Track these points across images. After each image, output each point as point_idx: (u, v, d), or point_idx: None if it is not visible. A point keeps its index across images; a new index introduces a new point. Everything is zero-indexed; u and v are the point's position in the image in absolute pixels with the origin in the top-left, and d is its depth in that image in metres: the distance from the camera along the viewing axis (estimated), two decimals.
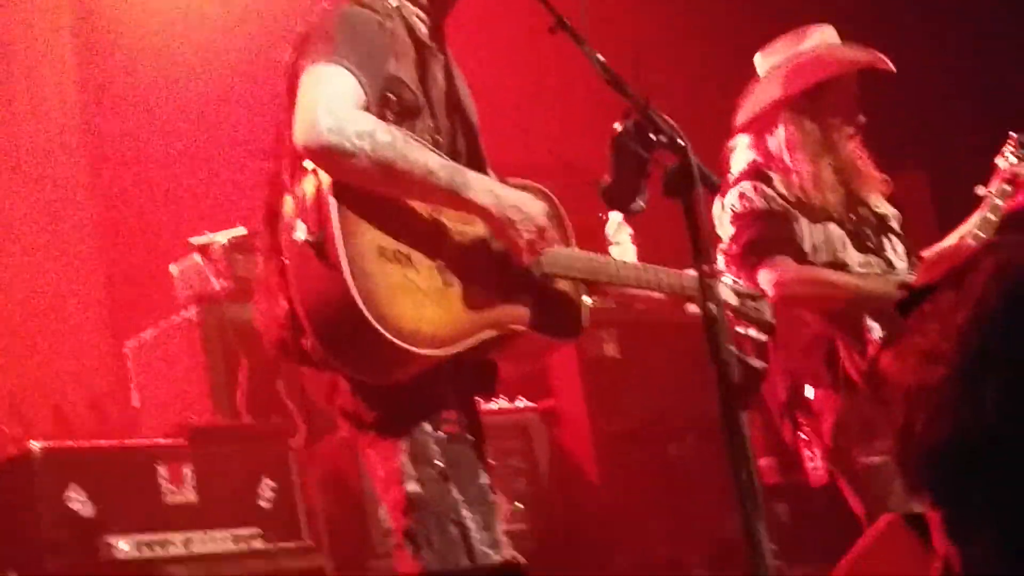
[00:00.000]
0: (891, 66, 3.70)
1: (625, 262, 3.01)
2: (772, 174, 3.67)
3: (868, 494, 3.55)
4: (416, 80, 2.52)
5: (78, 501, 3.62)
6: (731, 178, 3.73)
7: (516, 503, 4.69)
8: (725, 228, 3.69)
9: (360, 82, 2.35)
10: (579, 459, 4.95)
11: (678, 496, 4.78)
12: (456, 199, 2.44)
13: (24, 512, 3.66)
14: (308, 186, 2.40)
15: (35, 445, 3.74)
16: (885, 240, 3.75)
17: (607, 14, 4.16)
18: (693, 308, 2.94)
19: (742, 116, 3.77)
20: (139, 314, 4.76)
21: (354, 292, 2.29)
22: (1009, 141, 3.86)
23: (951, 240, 3.80)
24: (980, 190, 3.79)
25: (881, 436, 3.55)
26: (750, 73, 3.93)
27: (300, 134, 2.33)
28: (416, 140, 2.46)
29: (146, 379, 4.52)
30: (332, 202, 2.32)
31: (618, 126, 2.40)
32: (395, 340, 2.31)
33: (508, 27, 4.17)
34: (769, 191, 3.65)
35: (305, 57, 2.40)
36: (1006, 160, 3.80)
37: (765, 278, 3.57)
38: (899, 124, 5.16)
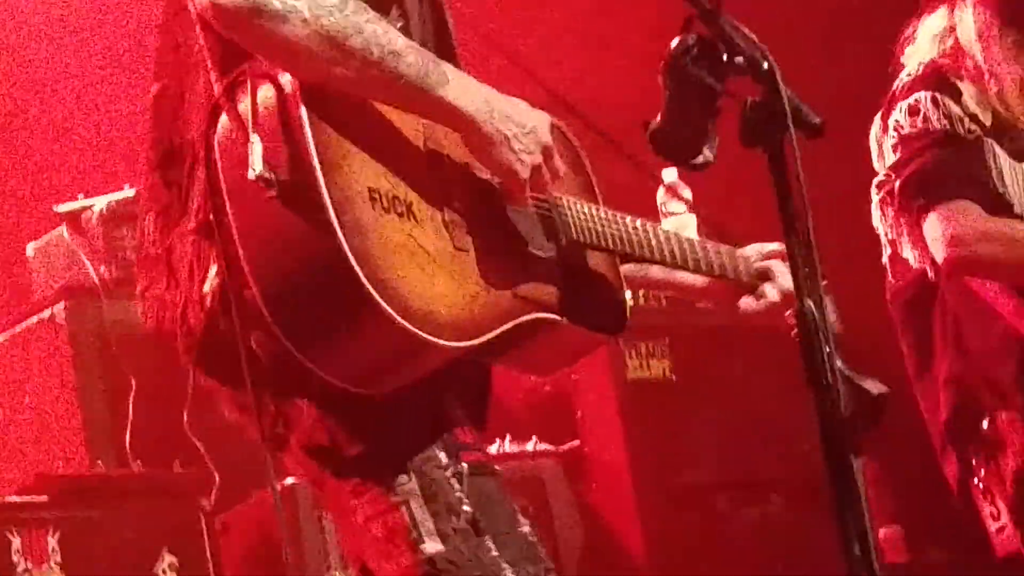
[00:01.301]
0: None
1: (673, 234, 2.85)
2: (962, 84, 3.59)
3: None
4: None
5: None
6: (900, 85, 3.63)
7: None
8: (887, 156, 3.63)
9: None
10: (616, 526, 4.90)
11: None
12: (428, 100, 2.38)
13: None
14: (265, 96, 2.31)
15: None
16: None
17: None
18: (749, 304, 2.89)
19: None
20: None
21: (351, 255, 2.21)
22: None
23: None
24: None
25: None
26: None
27: None
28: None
29: None
30: (305, 117, 2.24)
31: (676, 42, 2.24)
32: (408, 326, 2.23)
33: None
34: (956, 108, 3.58)
35: None
36: None
37: (935, 230, 3.50)
38: None
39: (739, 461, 5.00)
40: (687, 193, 4.94)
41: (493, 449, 4.63)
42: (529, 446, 4.92)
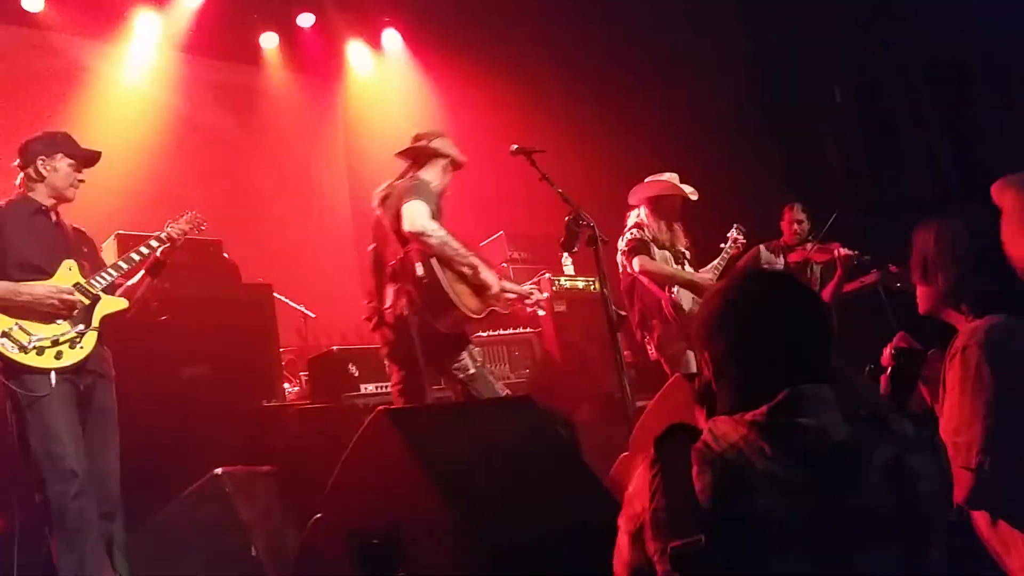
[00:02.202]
0: (695, 198, 5.12)
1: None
2: (645, 227, 5.11)
3: (676, 367, 4.97)
4: None
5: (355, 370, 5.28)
6: (627, 226, 5.11)
7: (526, 370, 6.17)
8: (623, 245, 5.06)
9: (430, 208, 3.64)
10: (552, 353, 6.30)
11: (591, 364, 6.03)
12: (474, 271, 3.69)
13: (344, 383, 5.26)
14: (422, 258, 3.57)
15: (335, 348, 5.49)
16: (685, 261, 5.30)
17: (556, 162, 4.31)
18: (529, 302, 4.13)
19: (632, 200, 5.20)
20: None
21: (452, 295, 3.60)
22: (736, 225, 5.54)
23: (708, 268, 5.35)
24: (722, 245, 5.43)
25: (678, 342, 5.07)
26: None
27: (410, 227, 3.60)
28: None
29: None
30: (434, 261, 3.59)
31: (567, 218, 3.54)
32: (468, 313, 3.64)
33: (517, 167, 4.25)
34: (639, 232, 5.09)
35: (405, 198, 3.71)
36: (734, 232, 5.53)
37: (636, 263, 4.91)
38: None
39: (585, 333, 6.11)
40: (571, 260, 6.39)
41: (520, 330, 6.06)
42: (527, 330, 6.28)
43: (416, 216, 3.77)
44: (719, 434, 1.62)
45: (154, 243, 4.06)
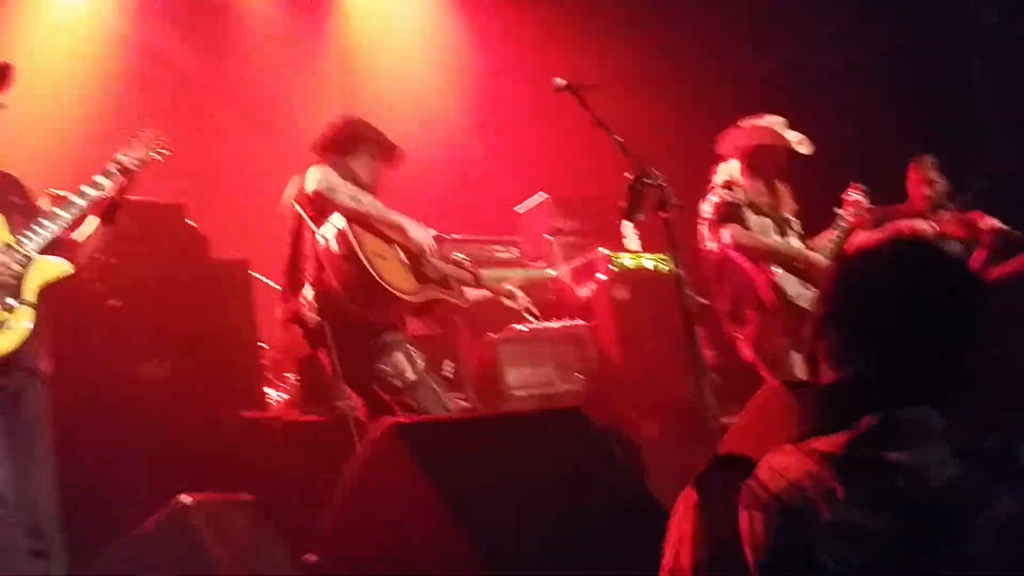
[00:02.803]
0: (808, 151, 5.17)
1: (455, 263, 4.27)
2: (735, 188, 5.18)
3: (776, 370, 4.96)
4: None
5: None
6: (712, 187, 5.20)
7: (577, 374, 6.23)
8: (708, 211, 5.12)
9: (337, 173, 4.05)
10: (610, 352, 6.40)
11: (662, 367, 6.09)
12: (392, 224, 4.01)
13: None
14: (337, 223, 3.88)
15: None
16: (790, 231, 5.35)
17: (615, 105, 4.28)
18: (474, 294, 4.47)
19: (721, 151, 5.28)
20: None
21: (371, 269, 3.83)
22: (853, 186, 5.59)
23: (820, 240, 5.43)
24: (839, 211, 5.50)
25: (780, 337, 5.09)
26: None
27: (311, 186, 3.98)
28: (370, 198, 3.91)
29: None
30: (348, 227, 3.92)
31: (629, 175, 3.64)
32: (399, 295, 3.90)
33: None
34: (730, 194, 5.18)
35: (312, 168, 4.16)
36: (853, 194, 5.53)
37: (725, 234, 5.02)
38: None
39: (651, 324, 6.25)
40: (636, 230, 4.69)
41: (568, 322, 6.19)
42: (577, 322, 6.40)
43: (318, 174, 4.01)
44: (779, 468, 1.57)
45: (102, 180, 3.85)
